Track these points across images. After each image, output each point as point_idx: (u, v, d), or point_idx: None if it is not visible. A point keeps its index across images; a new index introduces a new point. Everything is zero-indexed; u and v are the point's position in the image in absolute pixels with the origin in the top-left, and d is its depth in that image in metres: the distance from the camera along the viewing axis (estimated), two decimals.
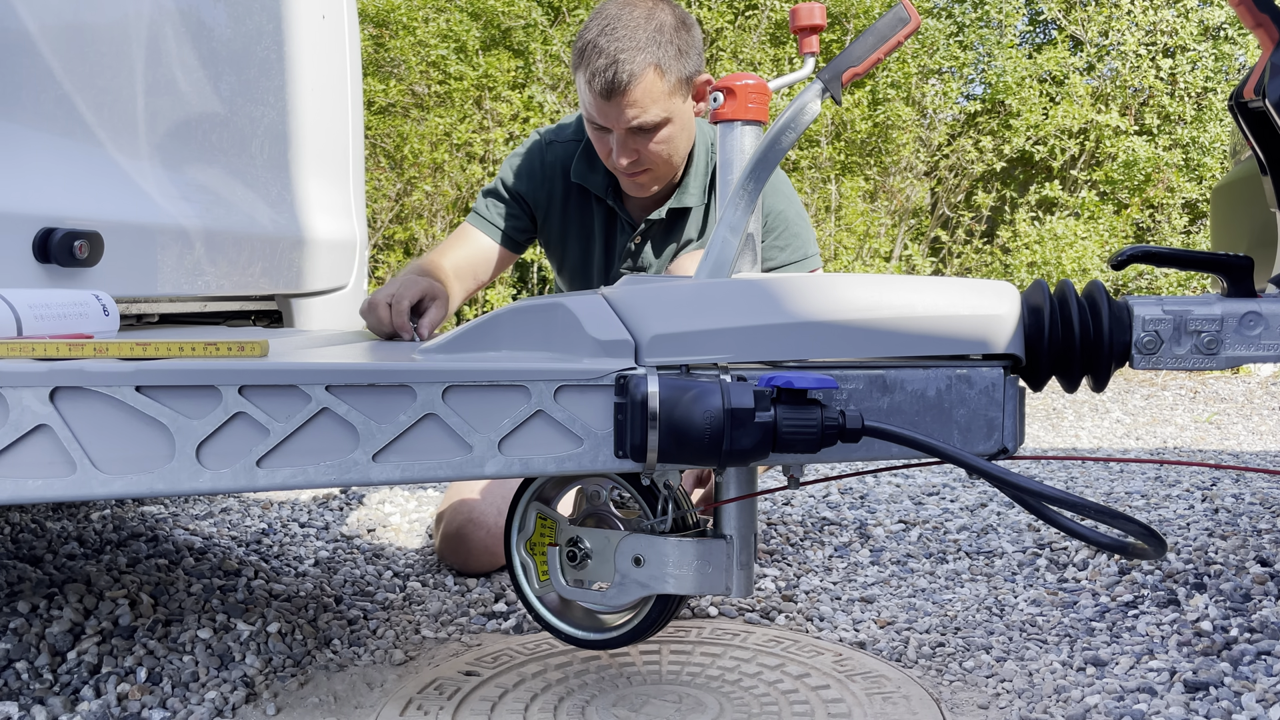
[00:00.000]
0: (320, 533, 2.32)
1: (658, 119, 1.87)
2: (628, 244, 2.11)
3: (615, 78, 1.80)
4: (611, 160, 1.94)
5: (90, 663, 1.52)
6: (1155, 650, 1.55)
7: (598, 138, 1.94)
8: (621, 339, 1.20)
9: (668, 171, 1.99)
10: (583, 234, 2.14)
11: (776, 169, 1.52)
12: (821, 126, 6.16)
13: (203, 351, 1.21)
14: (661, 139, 1.91)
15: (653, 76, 1.83)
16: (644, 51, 1.82)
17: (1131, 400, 5.48)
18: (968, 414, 1.21)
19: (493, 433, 1.19)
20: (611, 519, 1.52)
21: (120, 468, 1.15)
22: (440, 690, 1.52)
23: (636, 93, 1.83)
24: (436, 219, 5.98)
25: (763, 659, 1.63)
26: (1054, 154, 6.61)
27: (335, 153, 2.68)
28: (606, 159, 1.96)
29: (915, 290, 1.22)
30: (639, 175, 1.96)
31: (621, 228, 2.11)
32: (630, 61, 1.81)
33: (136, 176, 1.78)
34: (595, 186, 2.06)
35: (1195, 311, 1.20)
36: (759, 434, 1.11)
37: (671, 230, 2.09)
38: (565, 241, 2.14)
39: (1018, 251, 6.29)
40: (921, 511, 2.51)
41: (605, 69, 1.81)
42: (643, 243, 2.10)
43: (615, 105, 1.84)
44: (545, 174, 2.11)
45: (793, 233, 2.08)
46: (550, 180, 2.11)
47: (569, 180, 2.10)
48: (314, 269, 2.52)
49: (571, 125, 2.14)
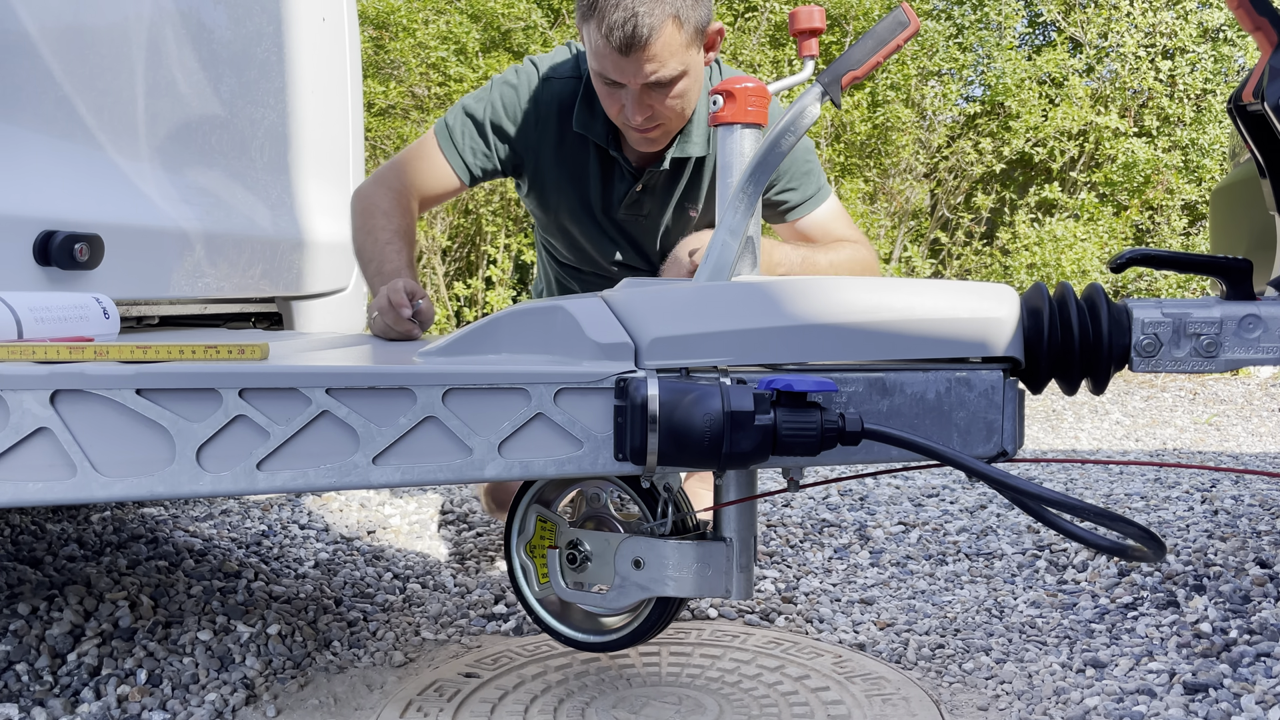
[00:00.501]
0: (320, 534, 2.32)
1: (675, 72, 1.77)
2: (629, 191, 2.00)
3: (635, 31, 1.69)
4: (622, 117, 1.84)
5: (90, 664, 1.52)
6: (1155, 652, 1.55)
7: (608, 94, 1.82)
8: (621, 342, 1.20)
9: (679, 125, 1.90)
10: (577, 179, 2.01)
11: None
12: (821, 128, 6.16)
13: (203, 355, 1.21)
14: (677, 93, 1.81)
15: (672, 28, 1.73)
16: (663, 2, 1.71)
17: (1131, 402, 5.49)
18: (967, 417, 1.21)
19: (493, 435, 1.19)
20: (611, 521, 1.52)
21: (121, 470, 1.15)
22: (440, 692, 1.53)
23: (656, 46, 1.72)
24: (436, 220, 5.98)
25: (762, 661, 1.63)
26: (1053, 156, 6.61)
27: (335, 155, 2.68)
28: (617, 116, 1.85)
29: (915, 293, 1.22)
30: (651, 131, 1.86)
31: (620, 174, 2.00)
32: (650, 14, 1.70)
33: (137, 179, 1.78)
34: (597, 136, 1.95)
35: (1194, 314, 1.20)
36: (759, 437, 1.11)
37: (675, 180, 2.00)
38: (560, 187, 2.02)
39: (1017, 253, 6.29)
40: (921, 513, 2.51)
41: (624, 22, 1.69)
42: (643, 192, 2.00)
43: (634, 60, 1.73)
44: (539, 116, 1.97)
45: (802, 172, 1.99)
46: (544, 123, 1.97)
47: (564, 123, 1.97)
48: (314, 271, 2.52)
49: (569, 62, 2.00)
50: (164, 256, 1.82)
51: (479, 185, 5.62)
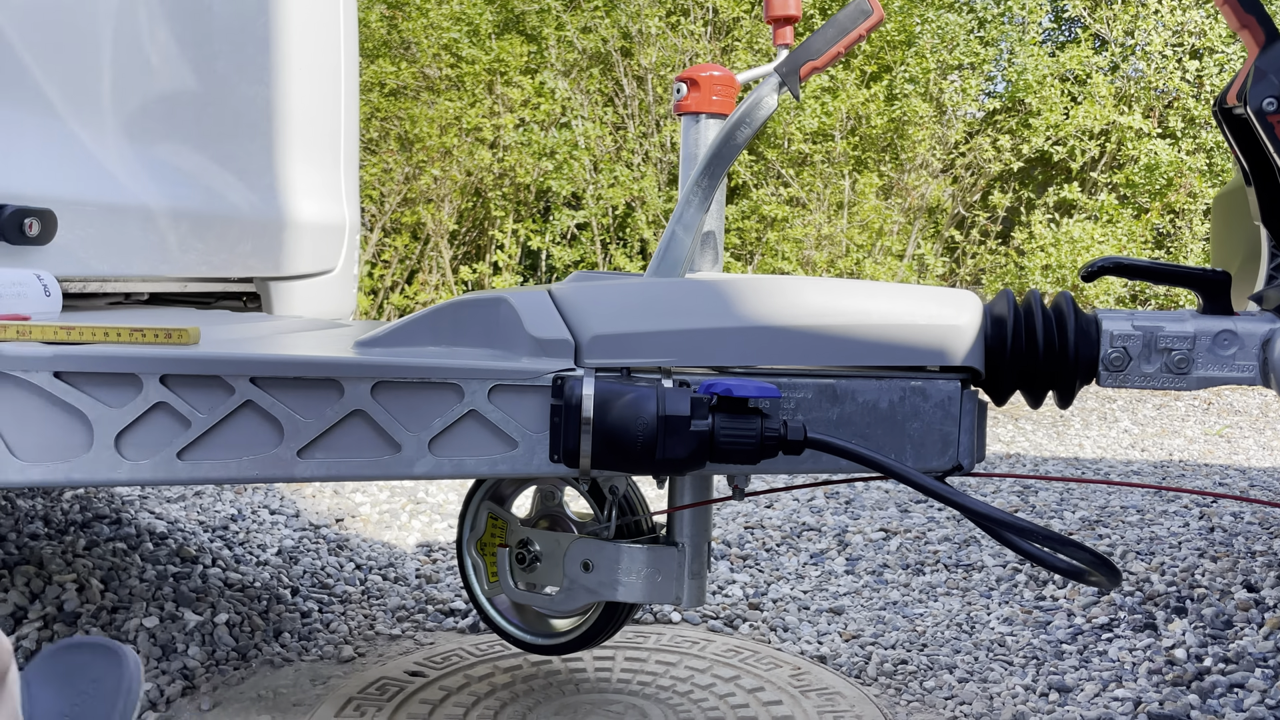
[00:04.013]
0: (290, 520, 2.29)
1: None
2: None
3: None
4: None
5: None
6: (1124, 677, 1.49)
7: None
8: (561, 338, 1.15)
9: None
10: None
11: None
12: (836, 121, 6.07)
13: (128, 337, 1.17)
14: None
15: None
16: None
17: (1142, 410, 5.38)
18: (922, 428, 1.15)
19: (423, 432, 1.14)
20: (565, 521, 1.48)
21: (38, 455, 1.12)
22: (382, 691, 1.49)
23: None
24: (444, 204, 5.93)
25: (718, 670, 1.58)
26: (1074, 155, 6.48)
27: (324, 134, 2.63)
28: None
29: (870, 296, 1.17)
30: None
31: None
32: None
33: (97, 152, 1.74)
34: None
35: (1167, 328, 1.14)
36: (694, 443, 1.06)
37: None
38: None
39: (1033, 254, 6.18)
40: (905, 520, 2.45)
41: None
42: None
43: None
44: None
45: None
46: None
47: None
48: (296, 252, 2.48)
49: None
50: (124, 233, 1.78)
51: (487, 170, 5.41)
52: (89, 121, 1.74)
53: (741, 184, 6.27)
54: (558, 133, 6.02)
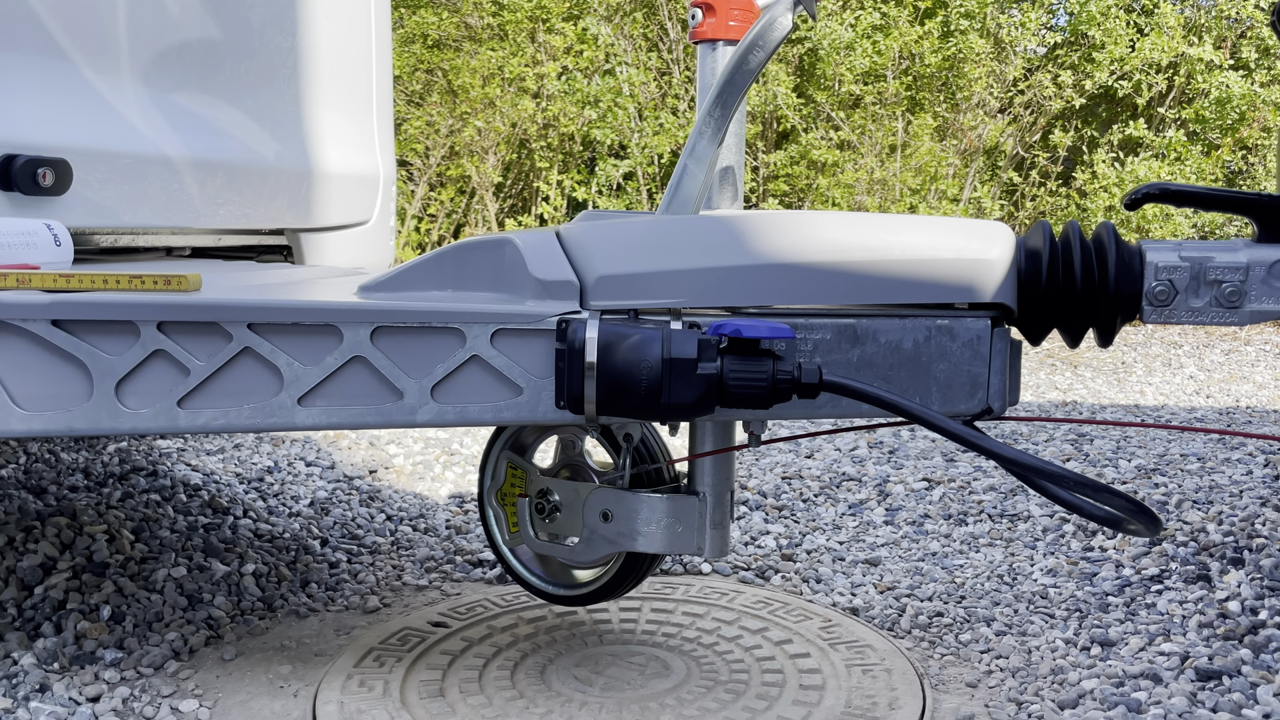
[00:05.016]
0: (325, 472, 2.29)
1: None
2: None
3: None
4: None
5: (56, 598, 1.50)
6: (1172, 631, 1.42)
7: None
8: (566, 280, 1.10)
9: None
10: None
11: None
12: (889, 60, 5.87)
13: (127, 285, 1.15)
14: None
15: None
16: None
17: (1210, 355, 5.18)
18: (948, 369, 1.09)
19: (425, 379, 1.10)
20: (586, 471, 1.44)
21: (40, 405, 1.10)
22: (404, 641, 1.47)
23: None
24: (489, 155, 5.89)
25: (746, 622, 1.54)
26: (1140, 90, 6.20)
27: (355, 82, 2.59)
28: None
29: (893, 230, 1.09)
30: None
31: None
32: None
33: (114, 101, 1.72)
34: None
35: (1217, 259, 1.05)
36: (702, 387, 1.00)
37: None
38: None
39: (1095, 195, 5.95)
40: (951, 469, 2.38)
41: None
42: None
43: None
44: None
45: None
46: None
47: None
48: (327, 203, 2.45)
49: None
50: (145, 184, 1.76)
51: (531, 120, 5.29)
52: (104, 69, 1.72)
53: (790, 128, 6.12)
54: (601, 80, 5.92)
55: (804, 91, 6.11)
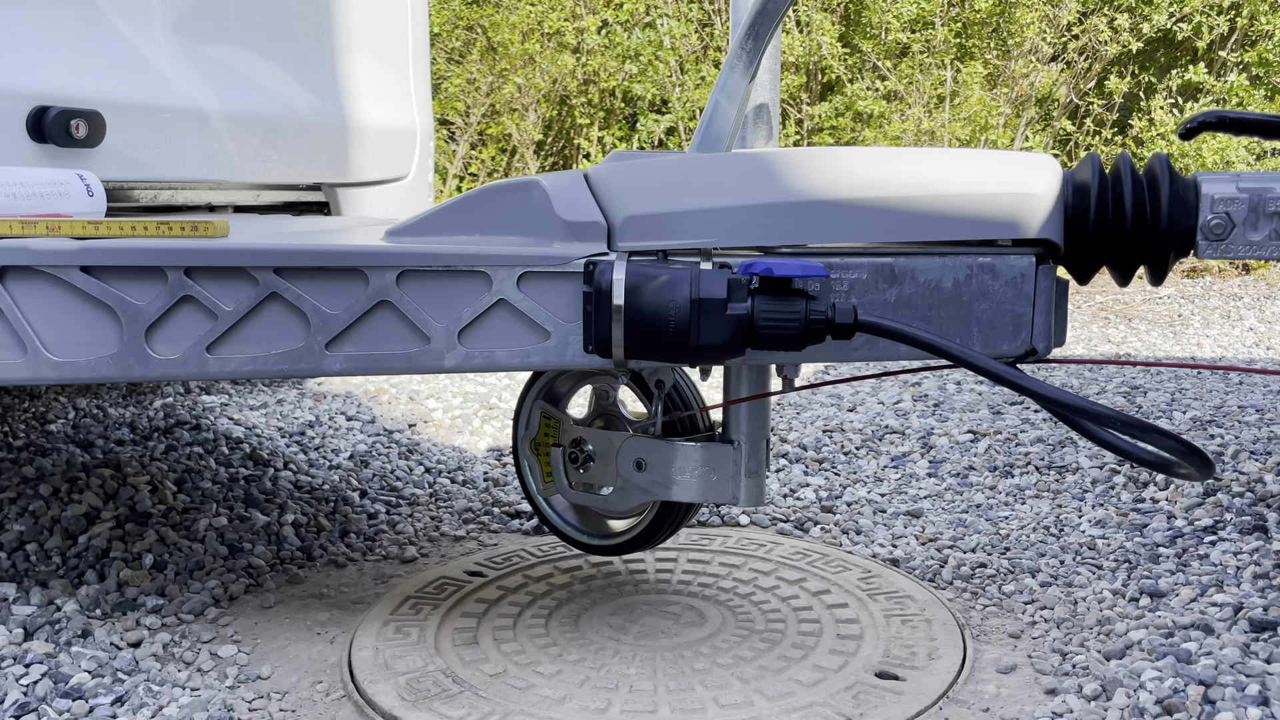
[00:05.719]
0: (365, 426, 2.30)
1: None
2: None
3: None
4: None
5: (99, 547, 1.53)
6: (1225, 582, 1.37)
7: None
8: (593, 221, 1.07)
9: None
10: None
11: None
12: (936, 6, 5.70)
13: (155, 231, 1.14)
14: None
15: None
16: None
17: (1271, 307, 5.01)
18: (990, 309, 1.05)
19: (452, 323, 1.09)
20: (620, 420, 1.42)
21: (70, 352, 1.11)
22: (440, 590, 1.47)
23: None
24: (529, 112, 5.85)
25: (783, 572, 1.52)
26: (1199, 33, 5.96)
27: (391, 36, 2.56)
28: None
29: (931, 164, 1.05)
30: None
31: None
32: None
33: (148, 53, 1.72)
34: None
35: (1277, 189, 0.99)
36: (731, 328, 0.97)
37: None
38: None
39: (1152, 143, 5.75)
40: (998, 421, 2.32)
41: None
42: None
43: None
44: None
45: None
46: None
47: None
48: (363, 158, 2.44)
49: None
50: (179, 137, 1.76)
51: (570, 75, 5.28)
52: (137, 20, 1.72)
53: (835, 79, 5.99)
54: (641, 33, 5.83)
55: (849, 41, 5.97)
